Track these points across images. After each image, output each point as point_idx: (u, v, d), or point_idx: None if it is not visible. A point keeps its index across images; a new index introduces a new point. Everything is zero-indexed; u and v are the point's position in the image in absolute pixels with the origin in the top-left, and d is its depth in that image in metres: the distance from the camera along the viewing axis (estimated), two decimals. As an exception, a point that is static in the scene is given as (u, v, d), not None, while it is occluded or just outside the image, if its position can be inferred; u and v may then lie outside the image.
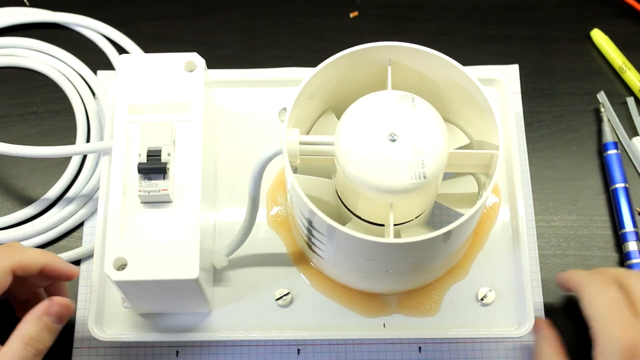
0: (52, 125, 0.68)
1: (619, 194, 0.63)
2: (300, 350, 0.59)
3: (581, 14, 0.72)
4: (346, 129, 0.49)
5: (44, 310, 0.51)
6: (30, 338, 0.50)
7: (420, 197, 0.51)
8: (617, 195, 0.64)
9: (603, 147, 0.65)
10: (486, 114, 0.52)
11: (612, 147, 0.65)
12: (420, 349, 0.59)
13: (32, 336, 0.50)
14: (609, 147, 0.65)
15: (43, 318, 0.51)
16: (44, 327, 0.50)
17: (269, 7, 0.72)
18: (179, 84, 0.56)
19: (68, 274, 0.54)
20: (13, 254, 0.52)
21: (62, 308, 0.51)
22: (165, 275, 0.51)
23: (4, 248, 0.52)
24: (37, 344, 0.50)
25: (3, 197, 0.65)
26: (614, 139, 0.65)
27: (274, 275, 0.59)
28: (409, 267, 0.54)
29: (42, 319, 0.50)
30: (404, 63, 0.53)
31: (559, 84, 0.69)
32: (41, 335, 0.50)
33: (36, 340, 0.50)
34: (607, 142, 0.65)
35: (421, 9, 0.73)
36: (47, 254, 0.53)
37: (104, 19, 0.71)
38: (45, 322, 0.51)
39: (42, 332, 0.50)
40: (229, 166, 0.62)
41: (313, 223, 0.50)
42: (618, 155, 0.65)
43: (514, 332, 0.57)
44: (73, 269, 0.55)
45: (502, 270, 0.59)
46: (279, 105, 0.63)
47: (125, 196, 0.53)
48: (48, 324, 0.51)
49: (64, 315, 0.52)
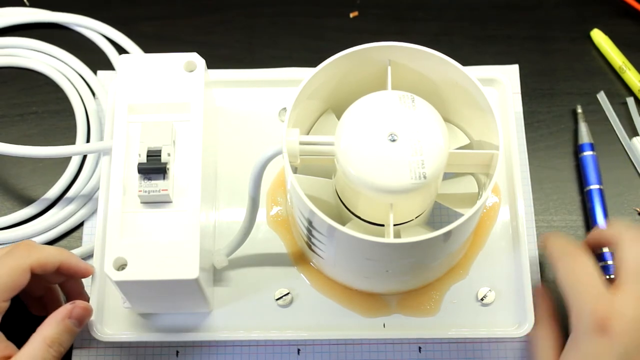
0: (52, 125, 0.68)
1: (593, 196, 0.63)
2: (300, 350, 0.59)
3: (581, 14, 0.72)
4: (346, 129, 0.49)
5: (67, 313, 0.52)
6: (52, 340, 0.50)
7: (420, 197, 0.51)
8: (592, 197, 0.63)
9: (579, 149, 0.65)
10: (486, 114, 0.52)
11: (588, 148, 0.65)
12: (420, 349, 0.59)
13: (53, 338, 0.50)
14: (584, 148, 0.65)
15: (65, 321, 0.52)
16: (66, 330, 0.51)
17: (269, 7, 0.72)
18: (179, 84, 0.56)
19: (84, 272, 0.56)
20: (31, 252, 0.52)
21: (84, 311, 0.53)
22: (165, 275, 0.51)
23: (22, 246, 0.53)
24: (58, 346, 0.51)
25: (3, 197, 0.65)
26: (590, 141, 0.65)
27: (274, 275, 0.59)
28: (409, 267, 0.54)
29: (64, 322, 0.51)
30: (403, 63, 0.53)
31: (559, 84, 0.69)
32: (62, 337, 0.51)
33: (57, 343, 0.51)
34: (583, 144, 0.65)
35: (421, 9, 0.73)
36: (63, 252, 0.54)
37: (104, 19, 0.71)
38: (67, 325, 0.52)
39: (64, 335, 0.51)
40: (229, 166, 0.61)
41: (313, 223, 0.50)
42: (594, 157, 0.65)
43: (514, 332, 0.57)
44: (89, 267, 0.56)
45: (502, 270, 0.59)
46: (279, 105, 0.63)
47: (125, 196, 0.53)
48: (69, 326, 0.52)
49: (85, 318, 0.53)
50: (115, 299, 0.58)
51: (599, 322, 0.49)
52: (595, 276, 0.51)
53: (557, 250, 0.54)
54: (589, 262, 0.52)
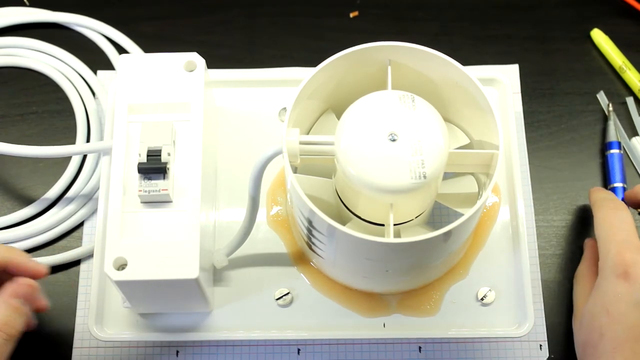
0: (52, 125, 0.68)
1: (616, 194, 0.63)
2: (300, 350, 0.59)
3: (581, 14, 0.72)
4: (346, 129, 0.49)
5: (12, 292, 0.48)
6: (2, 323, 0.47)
7: (420, 197, 0.51)
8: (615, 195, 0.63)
9: (606, 146, 0.65)
10: (486, 114, 0.52)
11: (616, 146, 0.65)
12: (420, 349, 0.59)
13: (2, 321, 0.47)
14: (612, 146, 0.65)
15: (11, 301, 0.48)
16: (14, 311, 0.48)
17: (269, 7, 0.72)
18: (179, 84, 0.56)
19: (34, 272, 0.51)
20: None
21: (29, 288, 0.49)
22: (165, 275, 0.51)
23: None
24: (8, 328, 0.47)
25: (3, 197, 0.65)
26: (617, 139, 0.65)
27: (274, 275, 0.59)
28: (409, 267, 0.54)
29: (10, 302, 0.48)
30: (404, 63, 0.53)
31: (559, 84, 0.69)
32: (12, 319, 0.48)
33: (7, 325, 0.47)
34: (611, 141, 0.65)
35: (421, 9, 0.73)
36: (10, 250, 0.51)
37: (104, 19, 0.71)
38: (14, 305, 0.48)
39: (13, 316, 0.48)
40: (229, 166, 0.62)
41: (313, 223, 0.50)
42: (620, 155, 0.65)
43: (514, 332, 0.57)
44: (40, 268, 0.52)
45: (502, 270, 0.59)
46: (279, 105, 0.63)
47: (125, 196, 0.53)
48: (17, 306, 0.48)
49: (31, 295, 0.49)
50: (115, 299, 0.58)
51: (623, 266, 0.51)
52: (629, 226, 0.53)
53: (599, 199, 0.56)
54: (627, 214, 0.54)
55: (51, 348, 0.60)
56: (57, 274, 0.62)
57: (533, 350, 0.59)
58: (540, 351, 0.59)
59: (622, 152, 0.65)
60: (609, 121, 0.66)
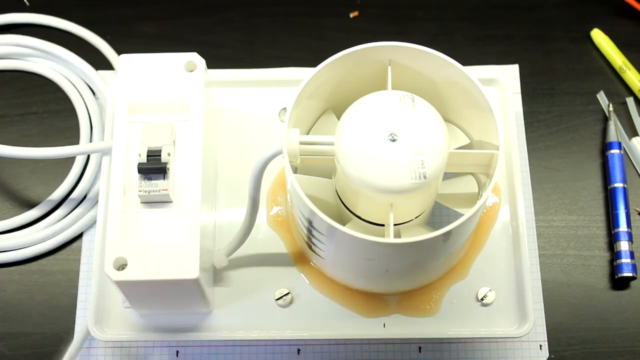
0: (52, 125, 0.68)
1: (617, 194, 0.63)
2: (300, 350, 0.59)
3: (581, 14, 0.72)
4: (346, 129, 0.49)
5: None
6: None
7: (420, 197, 0.51)
8: (615, 195, 0.64)
9: (606, 146, 0.65)
10: (486, 114, 0.52)
11: (616, 146, 0.65)
12: (420, 349, 0.59)
13: None
14: (613, 146, 0.65)
15: None
16: None
17: (269, 7, 0.72)
18: (179, 84, 0.56)
19: None
20: None
21: None
22: (165, 275, 0.51)
23: None
24: None
25: (3, 197, 0.65)
26: (618, 139, 0.65)
27: (274, 275, 0.59)
28: (409, 267, 0.54)
29: None
30: (404, 63, 0.53)
31: (559, 84, 0.69)
32: None
33: None
34: (611, 142, 0.65)
35: (421, 9, 0.73)
36: None
37: (104, 19, 0.71)
38: None
39: None
40: (229, 166, 0.61)
41: (313, 223, 0.50)
42: (620, 155, 0.65)
43: (514, 332, 0.57)
44: None
45: (502, 270, 0.59)
46: (279, 105, 0.63)
47: (125, 196, 0.53)
48: None
49: None
50: (115, 299, 0.58)
51: None
52: None
53: None
54: None
55: (51, 348, 0.60)
56: (57, 274, 0.62)
57: (533, 351, 0.59)
58: (540, 351, 0.59)
59: (622, 152, 0.65)
60: (609, 121, 0.66)
